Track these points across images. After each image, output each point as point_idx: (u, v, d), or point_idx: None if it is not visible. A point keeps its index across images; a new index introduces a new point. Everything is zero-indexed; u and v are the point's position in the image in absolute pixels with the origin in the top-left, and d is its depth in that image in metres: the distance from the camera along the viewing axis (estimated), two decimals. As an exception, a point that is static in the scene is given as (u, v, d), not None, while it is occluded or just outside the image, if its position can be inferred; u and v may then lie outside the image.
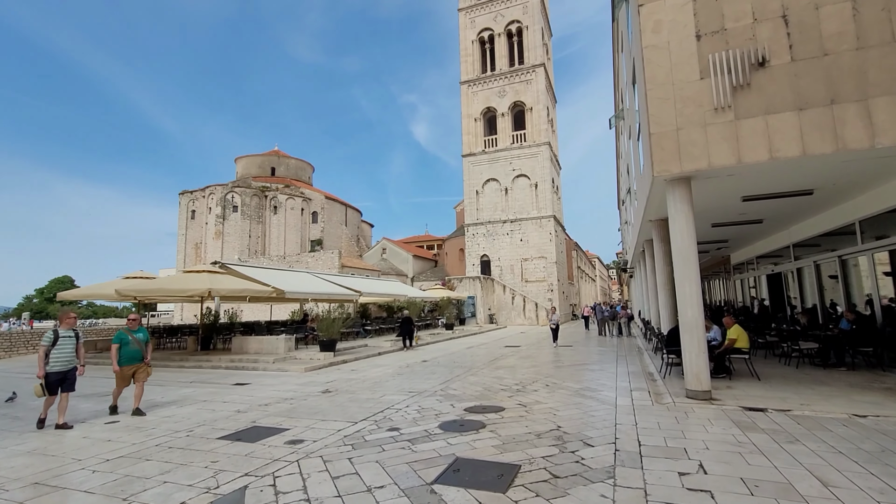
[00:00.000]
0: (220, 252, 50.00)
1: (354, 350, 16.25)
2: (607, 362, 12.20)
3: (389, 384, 9.58)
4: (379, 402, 7.74)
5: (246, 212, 51.66)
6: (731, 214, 11.25)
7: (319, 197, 56.33)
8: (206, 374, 11.83)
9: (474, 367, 11.85)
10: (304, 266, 41.08)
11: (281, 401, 8.14)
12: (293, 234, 53.35)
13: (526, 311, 36.36)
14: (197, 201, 54.43)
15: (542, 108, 39.57)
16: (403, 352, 16.67)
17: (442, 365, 12.58)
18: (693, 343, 7.27)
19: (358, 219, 65.43)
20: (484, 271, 39.57)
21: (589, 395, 7.76)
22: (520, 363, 12.52)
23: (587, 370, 10.83)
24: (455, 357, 14.58)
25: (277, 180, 57.62)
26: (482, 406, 7.10)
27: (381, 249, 56.38)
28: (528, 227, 38.63)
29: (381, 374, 11.11)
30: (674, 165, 7.43)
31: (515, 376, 10.13)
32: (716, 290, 33.06)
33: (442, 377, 10.31)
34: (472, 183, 40.98)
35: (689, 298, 7.37)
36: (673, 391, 7.85)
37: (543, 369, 11.19)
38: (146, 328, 17.67)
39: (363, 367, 12.55)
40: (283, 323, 20.48)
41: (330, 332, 14.07)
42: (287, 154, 63.06)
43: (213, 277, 13.84)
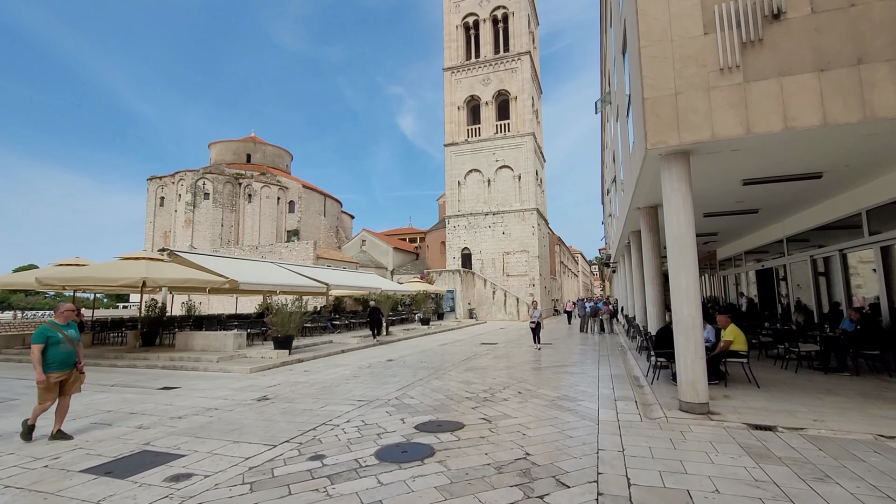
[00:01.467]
0: (189, 241, 47.73)
1: (316, 347, 14.87)
2: (589, 363, 11.12)
3: (339, 390, 8.29)
4: (317, 414, 6.44)
5: (218, 199, 49.39)
6: (727, 203, 10.22)
7: (297, 185, 54.29)
8: (136, 376, 10.35)
9: (442, 369, 10.63)
10: (278, 257, 39.31)
11: (201, 412, 6.78)
12: (268, 224, 51.30)
13: (507, 306, 35.36)
14: (166, 188, 51.89)
15: (526, 98, 38.40)
16: (369, 349, 15.37)
17: (407, 365, 11.33)
18: (689, 346, 6.16)
19: (337, 209, 63.54)
20: (465, 265, 38.39)
21: (567, 407, 6.60)
22: (493, 364, 11.34)
23: (566, 373, 9.71)
24: (425, 356, 13.34)
25: (253, 167, 55.32)
26: (438, 422, 5.87)
27: (361, 241, 54.77)
28: (510, 220, 37.55)
29: (336, 377, 9.80)
30: (671, 136, 6.27)
31: (486, 380, 8.94)
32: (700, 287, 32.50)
33: (402, 381, 9.05)
34: (454, 173, 39.66)
35: (686, 293, 6.25)
36: (664, 401, 6.74)
37: (518, 372, 10.03)
38: (82, 321, 15.97)
39: (318, 368, 11.22)
40: (242, 317, 18.94)
41: (285, 328, 12.67)
42: (264, 141, 60.68)
43: (151, 265, 12.29)
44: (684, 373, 6.19)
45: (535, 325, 14.64)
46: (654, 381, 8.15)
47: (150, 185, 52.96)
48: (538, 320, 14.69)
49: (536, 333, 14.69)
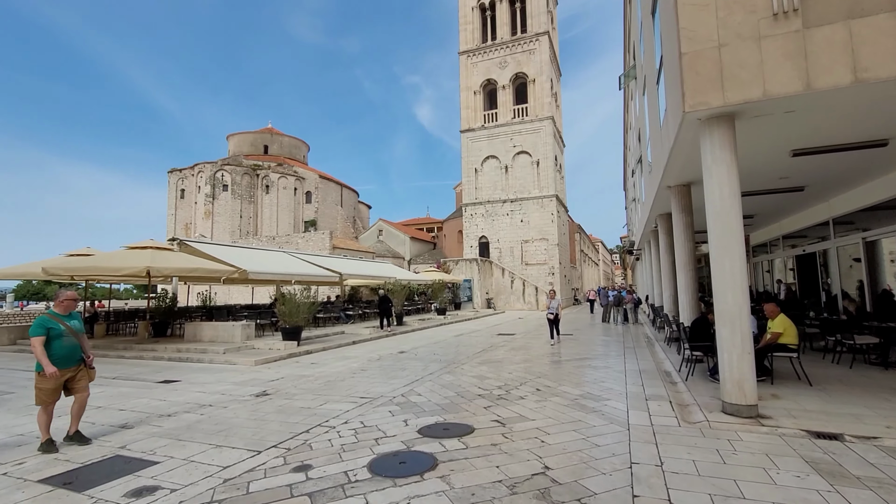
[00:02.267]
0: (210, 232, 48.26)
1: (327, 338, 14.44)
2: (613, 356, 10.31)
3: (343, 385, 7.74)
4: (314, 413, 5.89)
5: (237, 191, 49.67)
6: (769, 179, 9.18)
7: (313, 176, 54.18)
8: (140, 368, 10.05)
9: (455, 362, 9.99)
10: (295, 247, 39.30)
11: (193, 409, 6.32)
12: (286, 215, 51.42)
13: (525, 295, 34.52)
14: (186, 180, 52.46)
15: (545, 80, 37.01)
16: (381, 340, 14.86)
17: (418, 358, 10.74)
18: (735, 340, 5.33)
19: (354, 199, 63.32)
20: (482, 253, 37.62)
21: (592, 408, 5.87)
22: (510, 356, 10.65)
23: (589, 367, 8.94)
24: (438, 347, 12.74)
25: (270, 158, 55.45)
26: (445, 424, 5.23)
27: (378, 231, 54.51)
28: (529, 207, 36.50)
29: (342, 370, 9.27)
30: (713, 96, 5.38)
31: (501, 375, 8.26)
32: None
33: (411, 375, 8.46)
34: (471, 160, 38.73)
35: (731, 278, 5.40)
36: (703, 402, 5.94)
37: (537, 365, 9.31)
38: (97, 312, 15.90)
39: (326, 360, 10.73)
40: (255, 307, 18.68)
41: (293, 319, 12.23)
42: (280, 132, 60.70)
43: (157, 254, 11.97)
44: (728, 370, 5.37)
45: (553, 317, 12.99)
46: (689, 378, 7.33)
47: (170, 178, 53.65)
48: (557, 312, 13.04)
49: (555, 326, 13.06)
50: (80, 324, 5.12)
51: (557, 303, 13.22)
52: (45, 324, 4.72)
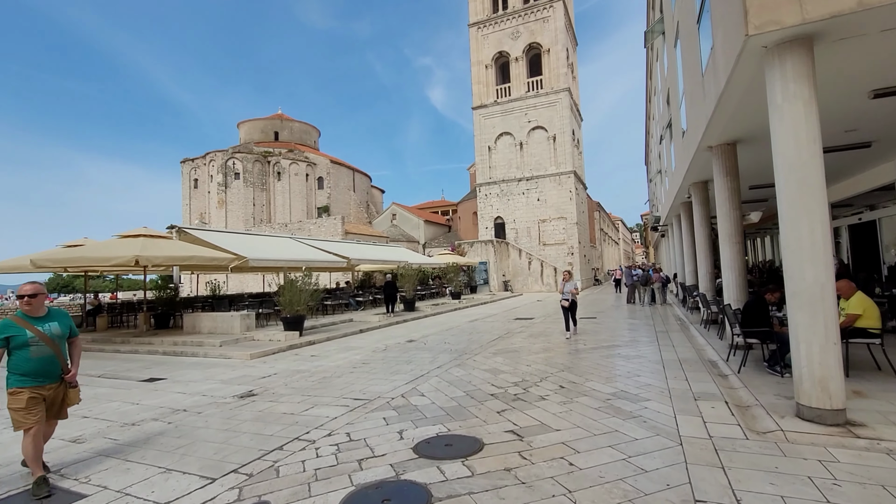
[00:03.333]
0: (224, 221, 48.17)
1: (333, 327, 13.65)
2: (645, 342, 9.17)
3: (339, 382, 6.84)
4: (296, 421, 4.99)
5: (248, 178, 49.28)
6: (834, 133, 7.75)
7: (324, 161, 53.37)
8: (131, 364, 9.39)
9: (467, 352, 9.02)
10: (307, 233, 38.73)
11: (165, 415, 5.50)
12: (298, 201, 50.91)
13: (544, 276, 33.28)
14: (198, 169, 52.28)
15: (560, 50, 34.99)
16: (391, 328, 13.99)
17: (427, 348, 9.80)
18: (817, 327, 4.17)
19: (367, 184, 62.46)
20: (498, 235, 36.40)
21: (629, 412, 4.80)
22: (528, 345, 9.61)
23: (620, 357, 7.84)
24: (450, 335, 11.79)
25: (280, 145, 54.80)
26: (448, 437, 4.26)
27: (392, 215, 53.65)
28: (545, 185, 34.97)
29: (343, 364, 8.41)
30: (787, 12, 4.12)
31: (518, 368, 7.24)
32: (760, 251, 29.21)
33: (417, 369, 7.52)
34: (484, 138, 37.21)
35: (812, 249, 4.21)
36: (766, 402, 4.82)
37: (559, 355, 8.26)
38: (100, 304, 15.41)
39: (328, 352, 9.90)
40: (260, 296, 18.03)
41: (294, 307, 11.42)
42: (290, 117, 59.86)
43: (148, 243, 11.23)
44: (807, 364, 4.23)
45: (568, 304, 10.26)
46: (742, 369, 6.17)
47: (183, 168, 53.57)
48: (572, 297, 10.30)
49: (571, 314, 10.40)
50: (65, 327, 3.93)
51: (573, 285, 10.53)
52: (6, 327, 3.62)
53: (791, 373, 5.85)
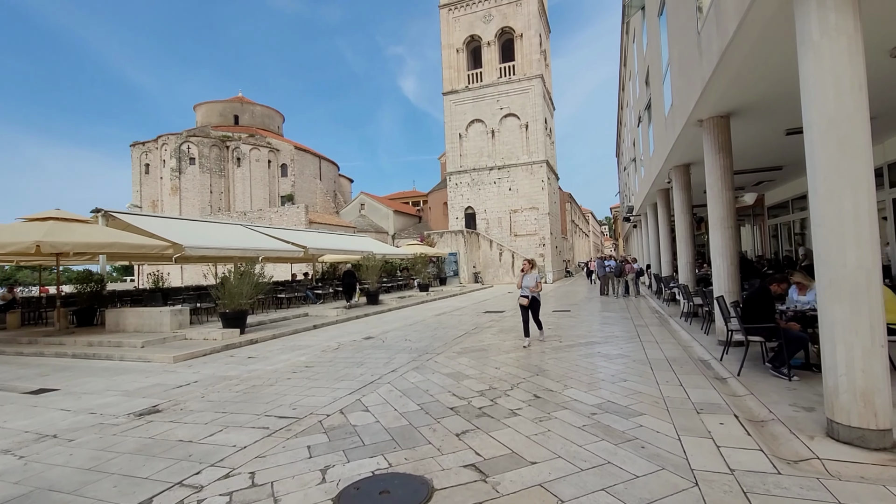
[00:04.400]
0: (178, 209, 45.16)
1: (284, 323, 12.30)
2: (626, 338, 8.32)
3: (269, 392, 5.61)
4: (189, 454, 3.75)
5: (205, 164, 46.33)
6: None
7: (288, 147, 50.88)
8: (27, 370, 7.80)
9: (429, 351, 7.92)
10: (268, 222, 36.65)
11: (27, 442, 4.17)
12: (260, 189, 48.35)
13: (515, 268, 32.54)
14: (150, 153, 48.83)
15: (533, 35, 34.08)
16: (350, 323, 12.74)
17: (385, 346, 8.64)
18: (859, 324, 3.27)
19: (335, 173, 60.23)
20: (469, 225, 35.42)
21: (621, 433, 3.81)
22: (498, 342, 8.60)
23: (601, 356, 6.92)
24: (413, 331, 10.67)
25: (241, 129, 51.84)
26: (387, 478, 3.14)
27: (360, 205, 51.90)
28: (517, 175, 34.17)
29: (283, 367, 7.15)
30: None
31: (486, 371, 6.19)
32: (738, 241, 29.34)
33: (368, 374, 6.36)
34: (455, 125, 36.00)
35: (856, 226, 3.30)
36: (784, 415, 3.94)
37: (532, 355, 7.28)
38: (14, 299, 13.43)
39: (270, 352, 8.59)
40: (198, 289, 16.33)
41: (234, 302, 10.01)
42: (252, 101, 56.75)
43: (56, 227, 9.54)
44: (847, 373, 3.33)
45: (528, 301, 7.91)
46: (741, 371, 5.33)
47: (133, 152, 49.92)
48: (532, 292, 7.97)
49: (533, 315, 8.07)
50: None
51: (535, 279, 8.05)
52: None
53: (797, 375, 5.06)
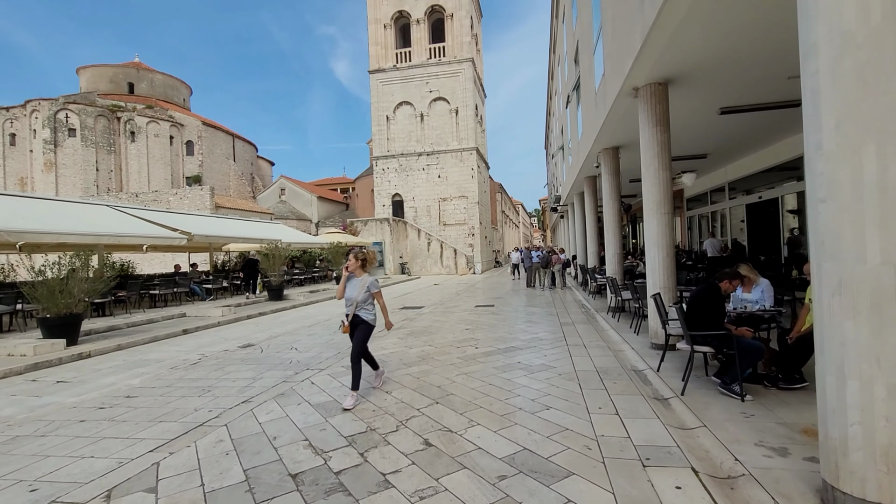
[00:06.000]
0: (53, 188, 38.44)
1: (147, 327, 9.88)
2: (550, 341, 7.21)
3: (23, 452, 3.63)
4: None
5: (89, 137, 39.81)
6: (773, 83, 6.27)
7: (195, 122, 45.40)
8: None
9: (312, 365, 6.23)
10: (165, 205, 32.19)
11: None
12: (159, 168, 42.68)
13: (444, 258, 31.45)
14: (17, 121, 41.03)
15: (464, 17, 32.77)
16: (234, 325, 10.58)
17: (259, 359, 6.79)
18: (888, 356, 2.16)
19: (252, 154, 55.17)
20: (396, 213, 33.60)
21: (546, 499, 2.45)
22: (402, 349, 7.11)
23: (519, 368, 5.66)
24: (307, 334, 8.87)
25: (136, 99, 45.33)
26: None
27: (280, 190, 48.02)
28: (447, 162, 32.88)
29: (95, 398, 5.10)
30: None
31: (371, 399, 4.66)
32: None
33: (206, 408, 4.55)
34: (382, 107, 33.81)
35: (883, 198, 2.17)
36: (756, 466, 2.83)
37: (437, 368, 5.86)
38: None
39: (96, 373, 6.38)
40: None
41: (57, 304, 7.54)
42: (151, 67, 49.88)
43: None
44: (862, 420, 2.22)
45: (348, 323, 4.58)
46: (686, 388, 4.30)
47: (-6, 119, 41.60)
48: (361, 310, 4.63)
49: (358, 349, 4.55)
50: None
51: (369, 286, 4.63)
52: None
53: (749, 394, 4.12)
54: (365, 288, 4.60)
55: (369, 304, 4.68)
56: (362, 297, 4.58)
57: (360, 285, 4.61)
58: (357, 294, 4.58)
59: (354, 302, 4.57)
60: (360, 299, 4.57)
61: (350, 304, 4.62)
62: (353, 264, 4.63)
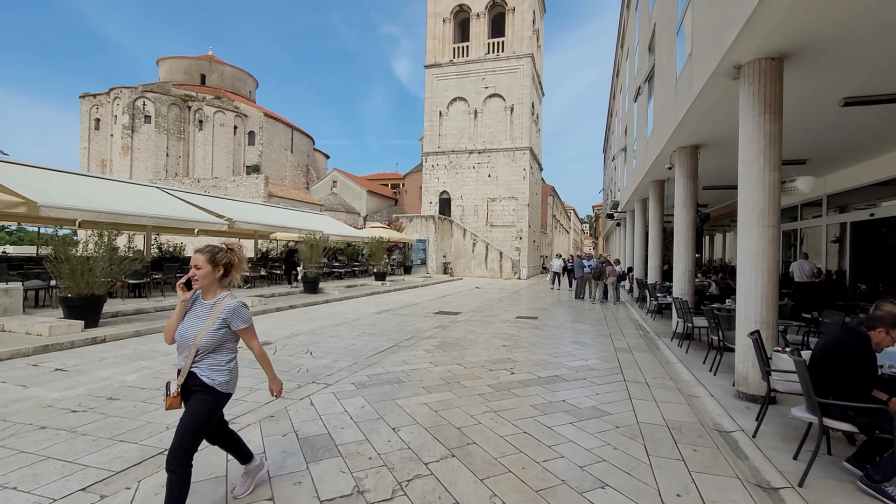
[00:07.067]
0: (128, 172, 41.18)
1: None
2: (603, 373, 5.97)
3: (-48, 468, 3.03)
4: None
5: (162, 124, 42.28)
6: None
7: (257, 113, 47.08)
8: None
9: (319, 378, 5.42)
10: (223, 192, 33.40)
11: None
12: (223, 156, 44.60)
13: (488, 260, 30.28)
14: (101, 108, 44.37)
15: (526, 10, 31.37)
16: (264, 317, 10.09)
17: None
18: None
19: (309, 146, 56.61)
20: (443, 211, 32.85)
21: None
22: (426, 366, 6.15)
23: (563, 412, 4.52)
24: (329, 335, 8.15)
25: (207, 90, 47.69)
26: None
27: (332, 182, 48.76)
28: (498, 161, 31.66)
29: (79, 395, 4.59)
30: None
31: (372, 438, 3.74)
32: (714, 249, 27.80)
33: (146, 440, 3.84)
34: (436, 102, 33.15)
35: None
36: None
37: (461, 399, 4.85)
38: None
39: (100, 361, 5.96)
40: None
41: (80, 284, 7.28)
42: (222, 60, 52.40)
43: None
44: None
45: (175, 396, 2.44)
46: (808, 474, 3.02)
47: (83, 105, 45.30)
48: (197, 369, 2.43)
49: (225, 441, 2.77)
50: None
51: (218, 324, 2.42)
52: None
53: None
54: (218, 321, 2.40)
55: (224, 353, 2.46)
56: (209, 341, 2.38)
57: (208, 315, 2.41)
58: (200, 333, 2.37)
59: (192, 349, 2.36)
60: (206, 343, 2.37)
61: (184, 351, 2.40)
62: (200, 273, 2.43)
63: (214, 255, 2.48)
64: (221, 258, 2.50)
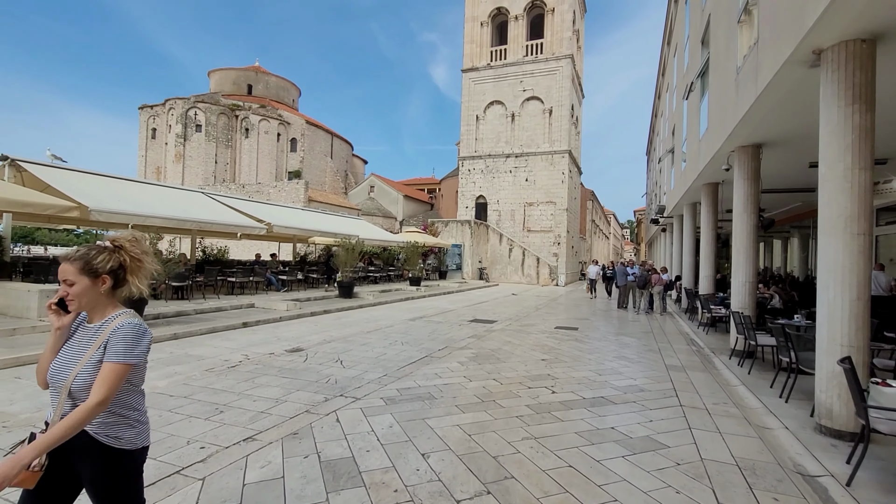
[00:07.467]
0: (181, 178, 43.39)
1: (212, 315, 9.74)
2: (655, 396, 5.40)
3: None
4: None
5: (211, 132, 44.32)
6: None
7: (299, 121, 48.53)
8: None
9: (347, 391, 5.18)
10: (266, 197, 34.57)
11: None
12: (267, 163, 46.20)
13: (525, 266, 29.58)
14: (157, 118, 47.07)
15: (566, 10, 30.63)
16: (294, 322, 10.05)
17: (296, 372, 5.93)
18: None
19: (348, 152, 57.79)
20: (479, 216, 32.47)
21: None
22: (459, 381, 5.80)
23: (612, 443, 4.05)
24: (360, 343, 7.96)
25: (253, 99, 49.62)
26: None
27: (369, 187, 49.47)
28: (536, 164, 30.98)
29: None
30: None
31: (400, 465, 3.42)
32: (773, 257, 25.93)
33: (202, 441, 3.67)
34: (473, 106, 32.92)
35: None
36: None
37: (505, 420, 4.46)
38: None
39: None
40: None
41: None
42: (267, 70, 54.48)
43: None
44: None
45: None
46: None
47: (141, 115, 48.26)
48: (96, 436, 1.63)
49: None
50: None
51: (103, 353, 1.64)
52: None
53: None
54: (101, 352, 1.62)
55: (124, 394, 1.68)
56: (88, 380, 1.60)
57: (90, 343, 1.66)
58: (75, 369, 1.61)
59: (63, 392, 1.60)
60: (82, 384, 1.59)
61: (57, 392, 1.62)
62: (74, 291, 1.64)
63: (89, 261, 1.66)
64: (102, 263, 1.68)
